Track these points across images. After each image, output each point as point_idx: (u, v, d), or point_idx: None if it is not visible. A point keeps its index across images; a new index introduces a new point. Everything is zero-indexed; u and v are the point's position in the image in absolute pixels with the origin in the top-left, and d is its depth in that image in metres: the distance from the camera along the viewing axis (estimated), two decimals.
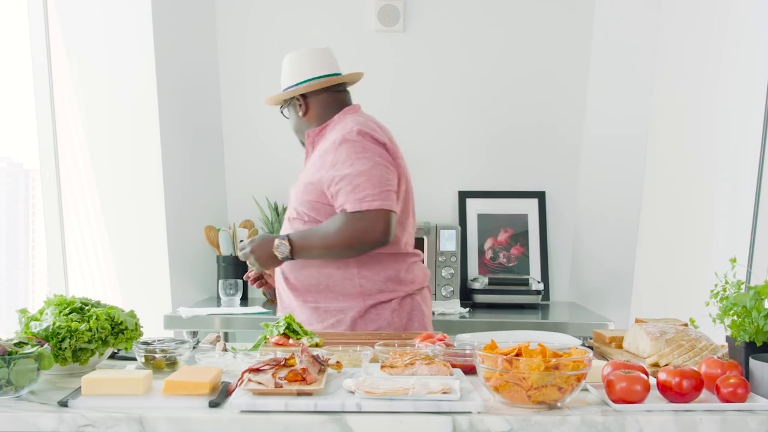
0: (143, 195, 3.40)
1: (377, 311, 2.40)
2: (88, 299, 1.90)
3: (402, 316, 2.42)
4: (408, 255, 2.47)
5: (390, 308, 2.40)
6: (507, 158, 3.60)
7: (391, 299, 2.41)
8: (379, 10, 3.54)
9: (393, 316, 2.40)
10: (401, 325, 2.41)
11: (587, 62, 3.54)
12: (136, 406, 1.50)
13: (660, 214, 3.39)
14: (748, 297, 1.69)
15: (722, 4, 3.05)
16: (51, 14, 3.36)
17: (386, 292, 2.40)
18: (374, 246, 2.28)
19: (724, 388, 1.54)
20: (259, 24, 3.58)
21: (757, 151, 2.79)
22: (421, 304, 2.47)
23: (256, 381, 1.55)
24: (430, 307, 2.56)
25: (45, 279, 3.57)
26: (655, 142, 3.42)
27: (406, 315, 2.43)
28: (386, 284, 2.40)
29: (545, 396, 1.49)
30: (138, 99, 3.34)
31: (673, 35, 3.32)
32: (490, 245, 3.57)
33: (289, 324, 2.02)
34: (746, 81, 2.88)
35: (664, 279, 3.36)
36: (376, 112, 3.57)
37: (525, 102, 3.59)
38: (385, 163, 2.32)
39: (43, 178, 3.44)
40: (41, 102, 3.40)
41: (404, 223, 2.45)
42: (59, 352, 1.73)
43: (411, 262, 2.47)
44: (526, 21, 3.57)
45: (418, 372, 1.65)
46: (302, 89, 2.48)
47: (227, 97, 3.59)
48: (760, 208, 2.77)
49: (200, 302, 3.38)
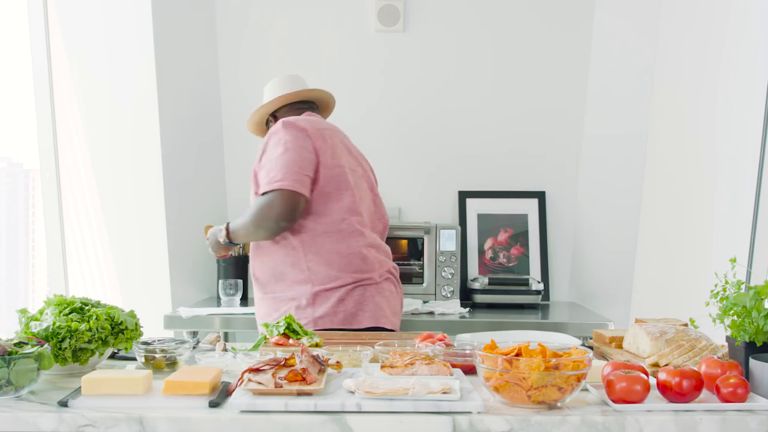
0: (143, 195, 3.40)
1: (324, 298, 2.45)
2: (88, 299, 1.90)
3: (348, 305, 2.46)
4: (351, 234, 2.50)
5: (336, 296, 2.45)
6: (507, 158, 3.61)
7: (338, 287, 2.46)
8: (379, 10, 3.54)
9: (339, 305, 2.45)
10: (347, 316, 2.45)
11: (587, 62, 3.54)
12: (136, 406, 1.50)
13: (660, 214, 3.39)
14: (748, 297, 1.69)
15: (722, 4, 3.04)
16: (51, 14, 3.36)
17: (334, 279, 2.46)
18: (278, 223, 2.44)
19: (724, 388, 1.54)
20: (259, 24, 3.58)
21: (757, 151, 2.79)
22: (375, 295, 2.50)
23: (256, 381, 1.55)
24: (393, 301, 2.57)
25: (45, 279, 3.57)
26: (654, 142, 3.42)
27: (354, 305, 2.46)
28: (332, 270, 2.47)
29: (545, 396, 1.49)
30: (138, 99, 3.34)
31: (673, 35, 3.32)
32: (490, 245, 3.57)
33: (289, 324, 2.02)
34: (746, 81, 2.88)
35: (664, 279, 3.36)
36: (375, 111, 3.60)
37: (525, 102, 3.59)
38: (298, 148, 2.47)
39: (43, 178, 3.44)
40: (41, 102, 3.40)
41: (339, 198, 2.51)
42: (59, 352, 1.73)
43: (357, 243, 2.50)
44: (526, 21, 3.57)
45: (418, 372, 1.65)
46: (269, 107, 2.73)
47: (227, 97, 3.60)
48: (760, 208, 2.77)
49: (200, 302, 3.38)
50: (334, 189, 2.52)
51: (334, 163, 2.53)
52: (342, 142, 2.63)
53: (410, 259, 3.35)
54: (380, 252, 2.60)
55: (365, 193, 2.64)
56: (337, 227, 2.50)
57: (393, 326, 2.55)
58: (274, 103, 2.72)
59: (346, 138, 2.70)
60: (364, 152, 2.78)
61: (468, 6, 3.57)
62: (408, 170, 3.60)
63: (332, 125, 2.68)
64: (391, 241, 3.34)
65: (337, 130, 2.67)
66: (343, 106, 2.95)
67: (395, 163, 3.57)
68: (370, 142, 3.49)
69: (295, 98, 2.72)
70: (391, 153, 3.57)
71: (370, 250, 2.54)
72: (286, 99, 2.70)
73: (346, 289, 2.47)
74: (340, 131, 2.69)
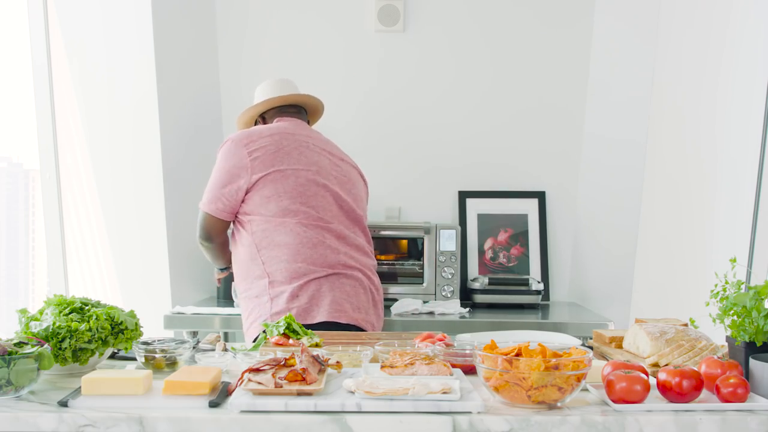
0: (143, 195, 3.40)
1: (279, 292, 2.49)
2: (88, 299, 1.90)
3: (302, 300, 2.48)
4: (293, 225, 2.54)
5: (289, 291, 2.48)
6: (507, 158, 3.60)
7: (291, 280, 2.50)
8: (379, 10, 3.54)
9: (292, 300, 2.48)
10: (300, 311, 2.47)
11: (587, 62, 3.54)
12: (136, 406, 1.50)
13: (660, 214, 3.39)
14: (748, 297, 1.69)
15: (722, 5, 3.04)
16: (51, 14, 3.36)
17: (286, 273, 2.50)
18: (202, 239, 2.71)
19: (724, 388, 1.54)
20: (259, 24, 3.58)
21: (757, 151, 2.79)
22: (333, 290, 2.51)
23: (256, 381, 1.55)
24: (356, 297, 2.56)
25: (45, 279, 3.57)
26: (655, 142, 3.42)
27: (307, 300, 2.48)
28: (284, 264, 2.51)
29: (545, 396, 1.49)
30: (138, 99, 3.34)
31: (673, 35, 3.32)
32: (490, 245, 3.57)
33: (289, 324, 2.02)
34: (746, 81, 2.88)
35: (663, 279, 3.36)
36: (375, 111, 3.60)
37: (525, 101, 3.59)
38: (225, 165, 2.62)
39: (43, 178, 3.44)
40: (41, 102, 3.40)
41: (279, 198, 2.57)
42: (59, 352, 1.73)
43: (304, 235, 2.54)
44: (526, 21, 3.57)
45: (418, 372, 1.65)
46: (259, 107, 2.82)
47: (227, 97, 3.59)
48: (760, 208, 2.77)
49: (200, 302, 3.38)
50: (274, 190, 2.57)
51: (272, 167, 2.59)
52: (294, 144, 2.66)
53: (410, 259, 3.35)
54: (346, 247, 2.61)
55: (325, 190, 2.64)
56: (282, 224, 2.55)
57: (355, 322, 2.53)
58: (261, 106, 2.82)
59: (309, 138, 2.71)
60: (364, 152, 2.79)
61: (468, 7, 3.57)
62: (408, 170, 3.60)
63: (292, 128, 2.71)
64: (391, 241, 3.35)
65: (294, 132, 2.69)
66: (342, 106, 2.96)
67: (395, 163, 3.57)
68: (370, 142, 3.50)
69: (282, 102, 2.82)
70: (391, 153, 3.57)
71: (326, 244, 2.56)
72: (273, 102, 2.81)
73: (299, 284, 2.49)
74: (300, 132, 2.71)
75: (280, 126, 2.72)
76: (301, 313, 2.46)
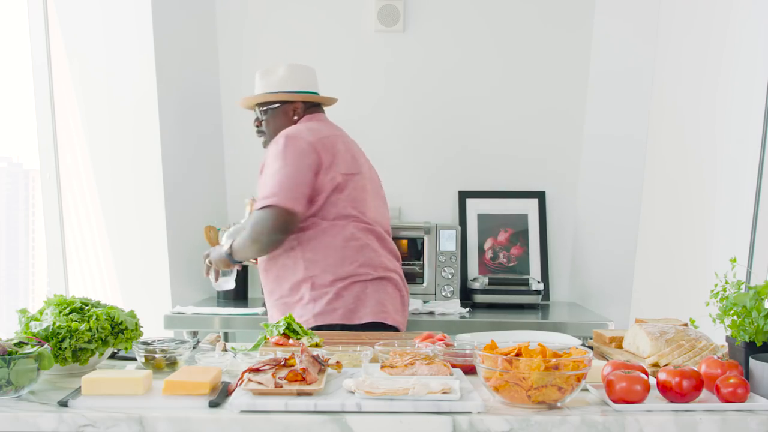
0: (143, 195, 3.40)
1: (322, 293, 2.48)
2: (88, 299, 1.90)
3: (347, 301, 2.47)
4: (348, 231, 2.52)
5: (333, 291, 2.47)
6: (507, 158, 3.61)
7: (335, 281, 2.48)
8: (379, 10, 3.54)
9: (337, 300, 2.47)
10: (346, 311, 2.46)
11: (587, 63, 3.54)
12: (136, 406, 1.50)
13: (660, 214, 3.39)
14: (748, 297, 1.69)
15: (722, 5, 3.04)
16: (51, 14, 3.36)
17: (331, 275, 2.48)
18: (271, 238, 2.48)
19: (724, 388, 1.54)
20: (258, 24, 3.58)
21: (757, 151, 2.79)
22: (376, 291, 2.51)
23: (256, 381, 1.55)
24: (395, 300, 2.57)
25: (45, 279, 3.57)
26: (654, 142, 3.42)
27: (353, 300, 2.48)
28: (329, 266, 2.49)
29: (545, 396, 1.49)
30: (138, 99, 3.34)
31: (673, 36, 3.32)
32: (490, 245, 3.57)
33: (289, 324, 2.02)
34: (746, 81, 2.88)
35: (663, 279, 3.35)
36: (375, 112, 3.60)
37: (525, 102, 3.59)
38: (295, 163, 2.48)
39: (43, 178, 3.44)
40: (41, 102, 3.40)
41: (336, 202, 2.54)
42: (59, 352, 1.73)
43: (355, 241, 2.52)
44: (526, 21, 3.57)
45: (418, 372, 1.65)
46: (308, 97, 2.70)
47: (227, 97, 3.59)
48: (760, 208, 2.77)
49: (200, 302, 3.38)
50: (332, 193, 2.54)
51: (335, 171, 2.55)
52: (346, 147, 2.64)
53: (410, 259, 3.35)
54: (383, 250, 2.61)
55: (369, 194, 2.66)
56: (334, 226, 2.52)
57: (396, 323, 2.55)
58: (290, 96, 2.69)
59: (352, 142, 2.71)
60: (365, 152, 2.78)
61: (468, 6, 3.57)
62: (408, 170, 3.60)
63: (336, 130, 2.69)
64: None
65: (342, 135, 2.68)
66: (343, 106, 2.95)
67: (395, 163, 3.56)
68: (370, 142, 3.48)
69: (310, 99, 2.72)
70: (392, 153, 3.57)
71: (371, 247, 2.56)
72: (304, 98, 2.70)
73: (343, 284, 2.49)
74: (344, 135, 2.70)
75: (324, 128, 2.66)
76: (347, 314, 2.46)
